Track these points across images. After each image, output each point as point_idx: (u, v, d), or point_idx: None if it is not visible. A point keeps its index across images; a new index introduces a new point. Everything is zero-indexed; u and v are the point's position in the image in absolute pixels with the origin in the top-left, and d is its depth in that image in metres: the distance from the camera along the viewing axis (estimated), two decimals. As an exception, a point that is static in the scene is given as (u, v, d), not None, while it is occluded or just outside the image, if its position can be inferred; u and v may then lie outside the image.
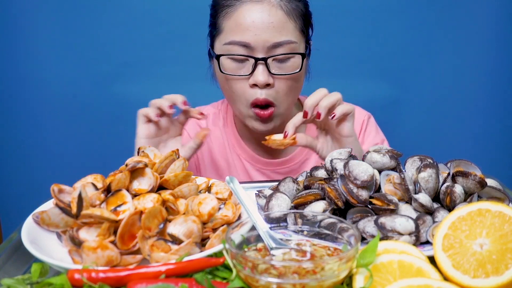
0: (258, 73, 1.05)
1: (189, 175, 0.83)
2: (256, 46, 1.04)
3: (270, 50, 1.05)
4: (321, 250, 0.69)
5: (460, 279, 0.63)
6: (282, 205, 0.83)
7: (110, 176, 0.80)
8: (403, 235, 0.74)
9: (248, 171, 1.25)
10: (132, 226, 0.71)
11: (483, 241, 0.65)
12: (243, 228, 0.72)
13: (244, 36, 1.04)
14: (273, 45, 1.04)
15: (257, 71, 1.05)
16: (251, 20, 1.04)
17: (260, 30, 1.03)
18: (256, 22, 1.04)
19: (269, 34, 1.04)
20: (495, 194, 0.84)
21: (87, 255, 0.67)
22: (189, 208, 0.77)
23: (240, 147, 1.26)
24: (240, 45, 1.05)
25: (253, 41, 1.04)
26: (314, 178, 0.89)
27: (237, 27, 1.05)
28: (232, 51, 1.06)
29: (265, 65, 1.05)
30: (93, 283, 0.63)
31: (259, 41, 1.04)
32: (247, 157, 1.25)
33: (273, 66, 1.06)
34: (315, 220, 0.77)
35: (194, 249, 0.70)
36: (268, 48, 1.04)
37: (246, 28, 1.04)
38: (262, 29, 1.03)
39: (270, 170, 1.25)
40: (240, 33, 1.05)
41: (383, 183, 0.84)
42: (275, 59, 1.06)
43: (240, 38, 1.04)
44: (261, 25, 1.03)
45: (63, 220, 0.73)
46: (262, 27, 1.03)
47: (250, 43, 1.04)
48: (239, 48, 1.05)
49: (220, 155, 1.27)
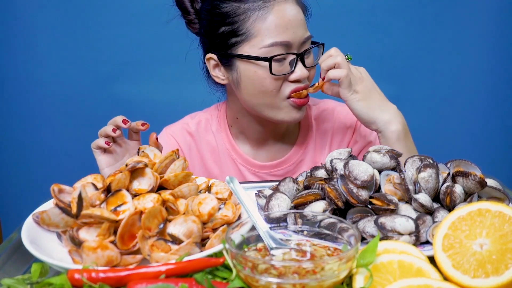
0: (298, 69, 1.09)
1: (189, 175, 0.83)
2: (294, 43, 1.08)
3: (302, 46, 1.10)
4: (321, 250, 0.69)
5: (460, 279, 0.63)
6: (282, 205, 0.83)
7: (110, 176, 0.80)
8: (403, 235, 0.74)
9: (243, 175, 1.25)
10: (132, 226, 0.71)
11: (483, 241, 0.65)
12: (243, 228, 0.72)
13: (286, 35, 1.07)
14: (304, 40, 1.09)
15: (298, 66, 1.09)
16: (288, 19, 1.07)
17: (296, 28, 1.08)
18: (292, 21, 1.08)
19: (301, 30, 1.09)
20: (495, 194, 0.84)
21: (87, 255, 0.67)
22: (189, 208, 0.77)
23: (234, 151, 1.25)
24: (282, 45, 1.07)
25: (292, 39, 1.08)
26: (314, 178, 0.89)
27: (276, 27, 1.07)
28: (275, 52, 1.07)
29: (301, 60, 1.09)
30: (93, 283, 0.63)
31: (297, 38, 1.08)
32: (242, 161, 1.25)
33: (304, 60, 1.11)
34: (315, 220, 0.77)
35: (194, 249, 0.70)
36: (300, 44, 1.09)
37: (285, 27, 1.07)
38: (297, 26, 1.08)
39: (265, 173, 1.25)
40: (281, 33, 1.07)
41: (383, 183, 0.84)
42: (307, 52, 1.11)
43: (283, 38, 1.07)
44: (296, 22, 1.08)
45: (63, 220, 0.73)
46: (296, 24, 1.08)
47: (291, 41, 1.07)
48: (281, 48, 1.07)
49: (212, 159, 1.26)
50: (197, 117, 1.30)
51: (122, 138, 1.06)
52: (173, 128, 1.29)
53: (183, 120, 1.31)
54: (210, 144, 1.27)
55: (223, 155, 1.26)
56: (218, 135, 1.27)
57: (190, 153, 1.27)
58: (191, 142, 1.27)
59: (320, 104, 1.29)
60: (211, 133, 1.27)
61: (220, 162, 1.26)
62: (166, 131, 1.29)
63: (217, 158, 1.27)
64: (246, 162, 1.25)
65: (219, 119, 1.28)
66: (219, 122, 1.27)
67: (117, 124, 1.02)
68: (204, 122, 1.28)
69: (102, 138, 1.03)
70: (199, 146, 1.27)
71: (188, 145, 1.27)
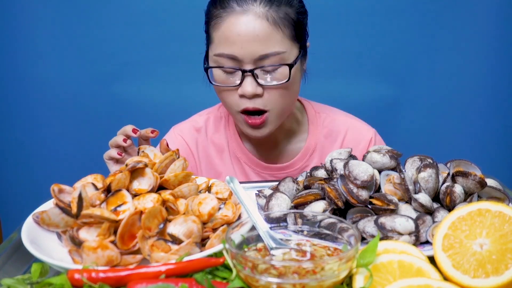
0: (246, 84, 1.05)
1: (189, 175, 0.83)
2: (243, 59, 1.04)
3: (258, 62, 1.05)
4: (321, 250, 0.69)
5: (460, 279, 0.63)
6: (282, 205, 0.83)
7: (110, 176, 0.80)
8: (403, 235, 0.74)
9: (247, 174, 1.25)
10: (132, 226, 0.71)
11: (483, 241, 0.65)
12: (243, 228, 0.72)
13: (231, 48, 1.04)
14: (260, 57, 1.04)
15: (245, 82, 1.05)
16: (237, 33, 1.03)
17: (246, 43, 1.03)
18: (241, 35, 1.03)
19: (255, 46, 1.03)
20: (495, 194, 0.84)
21: (87, 255, 0.67)
22: (189, 208, 0.77)
23: (240, 150, 1.25)
24: (228, 58, 1.05)
25: (240, 54, 1.04)
26: (314, 178, 0.89)
27: (224, 39, 1.05)
28: (221, 62, 1.07)
29: (252, 76, 1.05)
30: (93, 283, 0.63)
31: (246, 53, 1.04)
32: (247, 160, 1.25)
33: (262, 77, 1.06)
34: (315, 220, 0.77)
35: (194, 249, 0.70)
36: (255, 60, 1.04)
37: (233, 41, 1.04)
38: (248, 41, 1.03)
39: (269, 174, 1.25)
40: (227, 45, 1.05)
41: (383, 183, 0.84)
42: (263, 69, 1.06)
43: (228, 51, 1.05)
44: (247, 37, 1.03)
45: (63, 220, 0.73)
46: (247, 39, 1.03)
47: (238, 56, 1.04)
48: (227, 60, 1.06)
49: (219, 157, 1.27)
50: (206, 114, 1.30)
51: (132, 147, 1.06)
52: (181, 126, 1.29)
53: (192, 118, 1.32)
54: (217, 142, 1.27)
55: (228, 154, 1.26)
56: (226, 133, 1.27)
57: (198, 151, 1.27)
58: (198, 139, 1.27)
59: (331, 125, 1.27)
60: (218, 131, 1.28)
61: (225, 160, 1.26)
62: (174, 130, 1.29)
63: (222, 156, 1.27)
64: (251, 162, 1.25)
65: (228, 116, 1.28)
66: (227, 120, 1.28)
67: (127, 134, 1.02)
68: (213, 119, 1.29)
69: (113, 149, 1.04)
70: (206, 144, 1.27)
71: (196, 143, 1.27)
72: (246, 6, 1.04)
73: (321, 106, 1.30)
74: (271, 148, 1.25)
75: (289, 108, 1.15)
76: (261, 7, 1.04)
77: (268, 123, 1.11)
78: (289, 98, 1.11)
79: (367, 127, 1.29)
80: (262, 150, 1.25)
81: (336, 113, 1.30)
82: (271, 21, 1.04)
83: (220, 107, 1.30)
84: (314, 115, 1.27)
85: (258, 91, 1.06)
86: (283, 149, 1.26)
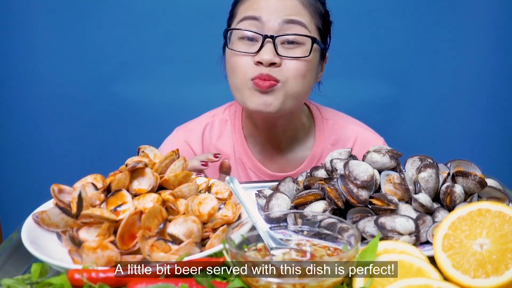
0: (265, 50, 1.04)
1: (189, 175, 0.83)
2: (267, 21, 1.03)
3: (281, 29, 1.04)
4: (321, 250, 0.69)
5: (460, 279, 0.63)
6: (282, 205, 0.83)
7: (110, 176, 0.80)
8: (403, 235, 0.74)
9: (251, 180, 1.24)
10: (132, 226, 0.71)
11: (483, 241, 0.65)
12: (243, 228, 0.72)
13: (258, 11, 1.04)
14: (285, 20, 1.03)
15: (264, 48, 1.04)
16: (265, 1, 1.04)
17: (273, 8, 1.03)
18: (269, 2, 1.04)
19: (282, 11, 1.03)
20: (495, 194, 0.84)
21: (87, 255, 0.67)
22: (189, 208, 0.77)
23: (246, 156, 1.24)
24: (252, 19, 1.04)
25: (265, 15, 1.03)
26: (314, 178, 0.89)
27: (250, 5, 1.05)
28: (243, 27, 1.05)
29: (272, 44, 1.04)
30: (93, 283, 0.63)
31: (272, 15, 1.03)
32: (252, 166, 1.24)
33: (282, 48, 1.05)
34: (315, 220, 0.77)
35: (194, 249, 0.70)
36: (279, 26, 1.03)
37: (259, 6, 1.04)
38: (276, 7, 1.03)
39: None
40: (254, 9, 1.04)
41: (383, 183, 0.84)
42: (285, 41, 1.04)
43: (253, 13, 1.04)
44: (275, 5, 1.04)
45: (63, 220, 0.73)
46: (276, 5, 1.03)
47: (262, 17, 1.03)
48: (250, 25, 1.04)
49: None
50: (211, 117, 1.28)
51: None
52: (185, 129, 1.27)
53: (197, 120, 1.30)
54: (222, 147, 1.25)
55: (234, 158, 1.25)
56: (232, 137, 1.25)
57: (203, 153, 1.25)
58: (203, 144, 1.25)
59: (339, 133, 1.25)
60: (223, 135, 1.26)
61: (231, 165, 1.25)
62: (178, 133, 1.27)
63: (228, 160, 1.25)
64: (256, 168, 1.23)
65: (233, 120, 1.26)
66: (233, 124, 1.26)
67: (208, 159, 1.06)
68: (218, 122, 1.26)
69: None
70: (211, 149, 1.25)
71: (201, 148, 1.25)
72: None
73: (329, 112, 1.28)
74: (276, 154, 1.24)
75: (300, 93, 1.10)
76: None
77: (275, 94, 1.07)
78: (303, 83, 1.08)
79: (375, 135, 1.27)
80: (267, 156, 1.24)
81: (345, 119, 1.28)
82: (301, 1, 1.05)
83: (226, 110, 1.28)
84: (321, 121, 1.25)
85: (276, 60, 1.04)
86: (289, 156, 1.24)
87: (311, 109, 1.27)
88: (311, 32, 1.06)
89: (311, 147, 1.24)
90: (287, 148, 1.24)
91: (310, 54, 1.05)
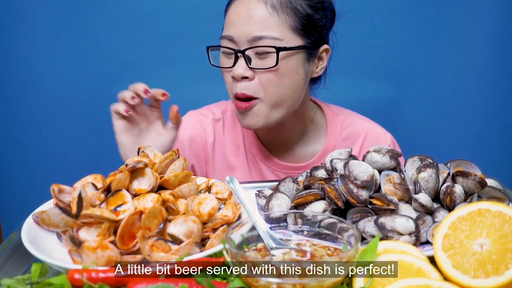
0: (237, 65, 1.06)
1: (189, 175, 0.83)
2: (238, 40, 1.06)
3: (251, 43, 1.05)
4: (321, 250, 0.69)
5: (460, 279, 0.63)
6: (282, 205, 0.83)
7: (110, 176, 0.80)
8: (403, 235, 0.74)
9: (262, 171, 1.24)
10: (132, 226, 0.71)
11: (483, 241, 0.65)
12: (243, 228, 0.72)
13: (230, 30, 1.07)
14: (253, 38, 1.04)
15: (237, 64, 1.06)
16: (236, 14, 1.07)
17: (241, 24, 1.05)
18: (239, 16, 1.06)
19: (249, 27, 1.04)
20: (495, 194, 0.84)
21: (87, 255, 0.67)
22: (189, 208, 0.77)
23: (256, 146, 1.24)
24: (227, 39, 1.07)
25: (235, 34, 1.06)
26: (314, 178, 0.89)
27: (227, 21, 1.09)
28: (222, 44, 1.09)
29: (244, 58, 1.05)
30: (93, 283, 0.63)
31: (241, 34, 1.05)
32: (262, 157, 1.24)
33: (255, 61, 1.06)
34: (315, 220, 0.77)
35: (194, 249, 0.70)
36: (249, 42, 1.05)
37: (232, 22, 1.07)
38: (244, 23, 1.05)
39: (284, 173, 1.23)
40: (228, 27, 1.08)
41: (383, 183, 0.84)
42: (257, 53, 1.05)
43: (227, 32, 1.08)
44: (243, 18, 1.05)
45: (63, 220, 0.73)
46: (243, 21, 1.05)
47: (233, 37, 1.06)
48: (227, 42, 1.07)
49: (233, 152, 1.25)
50: (225, 106, 1.29)
51: (142, 106, 1.02)
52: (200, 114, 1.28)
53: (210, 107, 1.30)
54: (233, 137, 1.26)
55: (243, 149, 1.25)
56: (242, 129, 1.26)
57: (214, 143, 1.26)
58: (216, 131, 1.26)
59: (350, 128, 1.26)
60: (235, 125, 1.27)
61: (240, 155, 1.25)
62: (191, 116, 1.28)
63: (237, 151, 1.25)
64: (267, 159, 1.24)
65: None
66: None
67: (137, 92, 0.99)
68: (230, 112, 1.28)
69: (122, 103, 1.00)
70: (223, 138, 1.26)
71: (213, 135, 1.25)
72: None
73: (338, 108, 1.29)
74: (287, 147, 1.24)
75: (284, 99, 1.09)
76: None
77: (256, 112, 1.08)
78: (281, 89, 1.08)
79: (384, 131, 1.28)
80: (278, 149, 1.24)
81: (354, 116, 1.29)
82: (270, 5, 1.05)
83: None
84: (332, 116, 1.26)
85: (247, 74, 1.06)
86: (300, 151, 1.24)
87: (320, 105, 1.27)
88: (283, 36, 1.05)
89: (323, 141, 1.25)
90: (297, 143, 1.24)
91: (277, 64, 1.05)
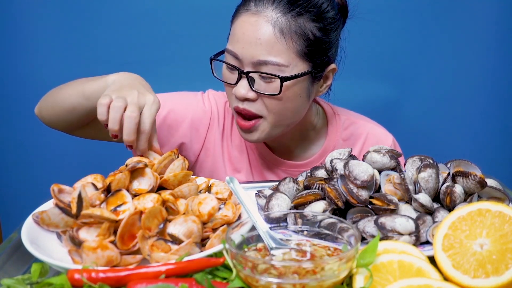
0: (240, 86, 1.04)
1: (188, 175, 0.83)
2: (243, 59, 1.03)
3: (256, 66, 1.03)
4: (321, 250, 0.69)
5: (460, 279, 0.63)
6: (282, 205, 0.83)
7: (110, 176, 0.80)
8: (403, 235, 0.74)
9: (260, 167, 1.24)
10: (132, 226, 0.71)
11: (483, 241, 0.65)
12: (243, 228, 0.72)
13: (235, 46, 1.04)
14: (258, 62, 1.02)
15: (240, 83, 1.04)
16: (243, 32, 1.03)
17: (247, 44, 1.02)
18: (245, 35, 1.02)
19: (255, 50, 1.02)
20: (495, 194, 0.84)
21: (87, 255, 0.67)
22: (189, 208, 0.77)
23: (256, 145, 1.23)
24: (232, 55, 1.05)
25: (240, 54, 1.03)
26: (314, 178, 0.89)
27: (232, 36, 1.05)
28: (226, 58, 1.07)
29: (247, 80, 1.04)
30: (93, 283, 0.63)
31: (246, 55, 1.02)
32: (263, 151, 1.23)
33: (259, 82, 1.04)
34: (315, 220, 0.77)
35: (194, 249, 0.70)
36: (253, 65, 1.03)
37: (237, 39, 1.04)
38: (250, 43, 1.02)
39: (282, 170, 1.23)
40: (233, 42, 1.05)
41: (383, 183, 0.84)
42: (261, 75, 1.04)
43: (232, 48, 1.04)
44: (249, 39, 1.02)
45: (63, 220, 0.73)
46: (250, 41, 1.02)
47: (238, 55, 1.03)
48: (232, 58, 1.05)
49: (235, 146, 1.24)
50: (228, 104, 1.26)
51: None
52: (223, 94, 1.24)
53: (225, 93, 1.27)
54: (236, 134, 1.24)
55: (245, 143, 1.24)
56: None
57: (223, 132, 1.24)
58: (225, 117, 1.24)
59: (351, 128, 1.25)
60: None
61: (242, 150, 1.24)
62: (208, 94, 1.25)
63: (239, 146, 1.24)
64: (267, 155, 1.23)
65: None
66: None
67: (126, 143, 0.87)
68: None
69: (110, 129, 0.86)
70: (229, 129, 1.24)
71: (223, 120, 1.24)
72: (261, 7, 1.02)
73: (339, 108, 1.29)
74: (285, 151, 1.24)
75: (287, 122, 1.10)
76: (275, 12, 1.01)
77: (259, 130, 1.08)
78: (285, 112, 1.07)
79: (385, 132, 1.28)
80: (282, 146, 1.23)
81: (355, 116, 1.28)
82: (278, 29, 1.01)
83: None
84: (332, 115, 1.25)
85: (250, 96, 1.04)
86: (299, 152, 1.24)
87: (322, 105, 1.27)
88: (288, 62, 1.02)
89: (323, 142, 1.24)
90: (297, 146, 1.24)
91: (280, 92, 1.03)
